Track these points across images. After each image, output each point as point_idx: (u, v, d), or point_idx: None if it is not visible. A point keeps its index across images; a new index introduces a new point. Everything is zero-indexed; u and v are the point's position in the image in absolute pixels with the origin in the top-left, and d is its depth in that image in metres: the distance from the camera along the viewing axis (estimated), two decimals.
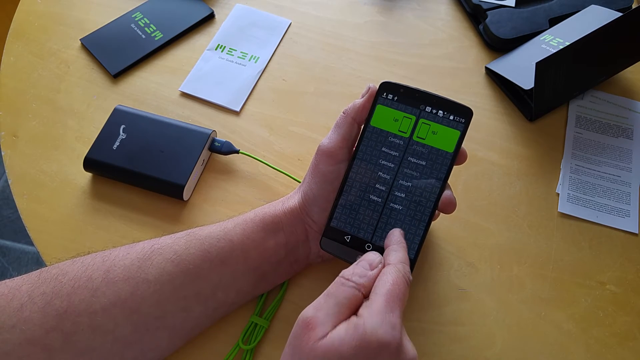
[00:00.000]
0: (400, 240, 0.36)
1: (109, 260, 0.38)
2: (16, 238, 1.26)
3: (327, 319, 0.30)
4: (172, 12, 0.62)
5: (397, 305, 0.31)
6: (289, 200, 0.42)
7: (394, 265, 0.33)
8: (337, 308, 0.31)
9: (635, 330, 0.44)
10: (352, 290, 0.31)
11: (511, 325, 0.44)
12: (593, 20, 0.55)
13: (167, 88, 0.57)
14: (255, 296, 0.43)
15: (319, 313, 0.30)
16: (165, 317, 0.37)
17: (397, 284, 0.32)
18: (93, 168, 0.50)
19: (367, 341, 0.29)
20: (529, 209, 0.50)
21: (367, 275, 0.33)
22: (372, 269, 0.33)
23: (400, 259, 0.34)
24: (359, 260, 0.34)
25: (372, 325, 0.29)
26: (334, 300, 0.31)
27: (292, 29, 0.62)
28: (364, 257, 0.35)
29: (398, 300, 0.31)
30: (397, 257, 0.34)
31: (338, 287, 0.32)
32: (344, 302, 0.31)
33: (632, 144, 0.54)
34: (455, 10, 0.64)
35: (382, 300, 0.30)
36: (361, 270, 0.33)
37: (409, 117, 0.39)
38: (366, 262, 0.34)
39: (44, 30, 0.61)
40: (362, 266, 0.34)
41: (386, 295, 0.31)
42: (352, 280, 0.32)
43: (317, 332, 0.29)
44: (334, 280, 0.33)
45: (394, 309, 0.30)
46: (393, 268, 0.33)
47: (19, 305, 0.34)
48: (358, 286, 0.32)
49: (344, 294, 0.31)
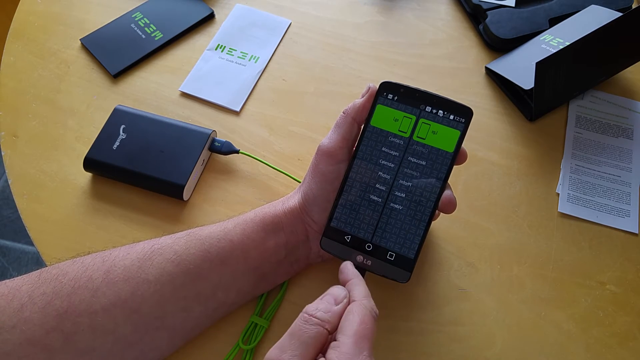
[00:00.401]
0: (356, 274, 0.35)
1: (109, 260, 0.38)
2: (16, 238, 1.26)
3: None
4: (172, 12, 0.62)
5: (366, 345, 0.30)
6: (289, 200, 0.42)
7: (359, 303, 0.32)
8: (302, 348, 0.30)
9: (635, 330, 0.44)
10: (316, 329, 0.30)
11: (511, 325, 0.44)
12: (593, 20, 0.55)
13: (167, 88, 0.57)
14: (255, 296, 0.43)
15: (284, 355, 0.29)
16: (166, 317, 0.37)
17: (364, 323, 0.31)
18: (93, 168, 0.50)
19: None
20: (529, 209, 0.50)
21: (331, 310, 0.32)
22: (337, 303, 0.32)
23: (363, 293, 0.33)
24: (324, 295, 0.33)
25: None
26: (298, 340, 0.30)
27: (292, 29, 0.62)
28: (329, 291, 0.34)
29: (366, 340, 0.30)
30: (359, 292, 0.33)
31: (302, 326, 0.31)
32: (309, 342, 0.30)
33: (632, 144, 0.54)
34: (455, 10, 0.64)
35: (351, 341, 0.29)
36: (325, 305, 0.32)
37: (409, 117, 0.39)
38: (331, 297, 0.33)
39: (44, 30, 0.61)
40: (327, 301, 0.33)
41: (354, 336, 0.30)
42: (316, 317, 0.31)
43: None
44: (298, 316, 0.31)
45: (363, 349, 0.29)
46: (359, 306, 0.32)
47: (19, 306, 0.34)
48: (322, 323, 0.31)
49: (308, 333, 0.30)
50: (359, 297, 0.33)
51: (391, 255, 0.37)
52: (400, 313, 0.44)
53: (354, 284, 0.34)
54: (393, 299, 0.44)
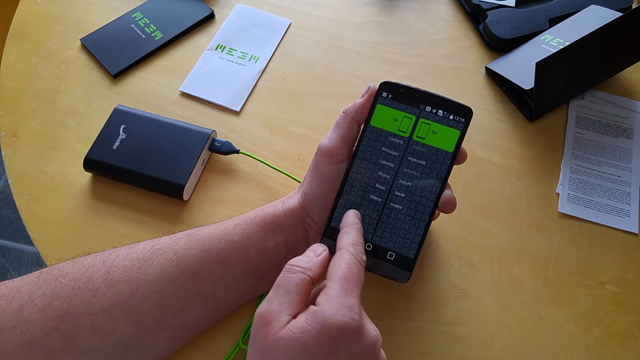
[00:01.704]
0: (353, 222, 0.36)
1: (109, 261, 0.37)
2: (16, 238, 1.26)
3: (281, 309, 0.30)
4: (172, 12, 0.62)
5: (354, 287, 0.31)
6: (289, 200, 0.42)
7: (345, 249, 0.33)
8: (288, 296, 0.31)
9: (635, 330, 0.44)
10: (298, 275, 0.31)
11: (511, 325, 0.44)
12: (593, 20, 0.55)
13: (167, 88, 0.57)
14: (255, 296, 0.43)
15: (272, 306, 0.30)
16: (166, 318, 0.37)
17: (350, 267, 0.32)
18: (93, 168, 0.50)
19: (327, 327, 0.29)
20: (529, 209, 0.50)
21: (312, 260, 0.33)
22: (317, 255, 0.34)
23: (352, 241, 0.34)
24: (306, 251, 0.35)
25: (330, 310, 0.29)
26: (283, 289, 0.31)
27: (292, 29, 0.62)
28: (310, 247, 0.35)
29: (353, 283, 0.31)
30: (348, 240, 0.34)
31: (284, 275, 0.32)
32: (293, 289, 0.31)
33: (632, 144, 0.54)
34: (455, 10, 0.64)
35: (338, 285, 0.31)
36: (304, 257, 0.33)
37: (408, 116, 0.39)
38: (311, 251, 0.34)
39: (44, 30, 0.61)
40: (307, 254, 0.34)
41: (340, 279, 0.31)
42: (298, 266, 0.32)
43: (274, 325, 0.29)
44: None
45: (350, 292, 0.30)
46: (345, 252, 0.33)
47: (19, 307, 0.34)
48: (304, 270, 0.32)
49: (292, 281, 0.31)
50: (345, 245, 0.34)
51: (391, 255, 0.37)
52: (400, 313, 0.44)
53: (344, 232, 0.35)
54: (393, 299, 0.44)
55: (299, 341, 0.28)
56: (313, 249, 0.35)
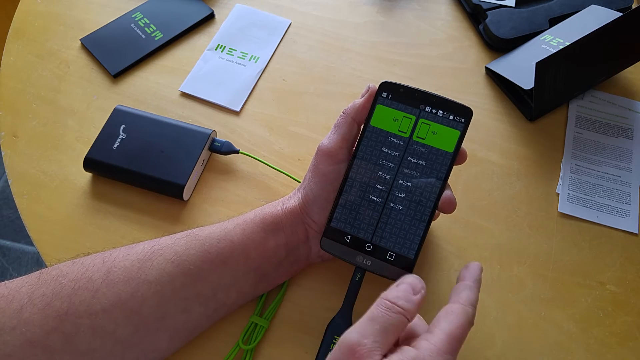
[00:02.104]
0: (478, 279, 0.34)
1: (109, 261, 0.37)
2: (16, 238, 1.26)
3: (374, 347, 0.28)
4: (172, 12, 0.62)
5: (456, 347, 0.29)
6: (289, 200, 0.42)
7: (464, 307, 0.31)
8: (384, 335, 0.29)
9: (635, 330, 0.44)
10: (398, 317, 0.30)
11: (511, 325, 0.44)
12: (593, 20, 0.55)
13: (167, 88, 0.57)
14: (255, 296, 0.43)
15: (366, 340, 0.28)
16: (166, 318, 0.37)
17: (461, 327, 0.30)
18: (93, 168, 0.50)
19: None
20: (529, 209, 0.50)
21: (411, 300, 0.31)
22: (415, 293, 0.31)
23: (472, 301, 0.32)
24: (399, 283, 0.32)
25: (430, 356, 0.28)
26: (380, 326, 0.29)
27: (292, 29, 0.62)
28: (404, 279, 0.32)
29: (457, 343, 0.29)
30: (468, 297, 0.32)
31: (384, 312, 0.30)
32: (390, 330, 0.29)
33: (632, 144, 0.54)
34: (455, 10, 0.64)
35: (445, 337, 0.29)
36: (404, 294, 0.31)
37: (408, 117, 0.39)
38: (408, 286, 0.32)
39: (44, 30, 0.61)
40: (404, 290, 0.31)
41: (450, 335, 0.29)
42: (398, 305, 0.30)
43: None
44: (375, 302, 0.31)
45: (453, 350, 0.29)
46: (462, 310, 0.31)
47: (19, 307, 0.34)
48: (404, 312, 0.30)
49: (391, 321, 0.29)
50: (465, 303, 0.32)
51: (391, 256, 0.37)
52: None
53: (467, 287, 0.33)
54: None
55: None
56: (411, 284, 0.32)
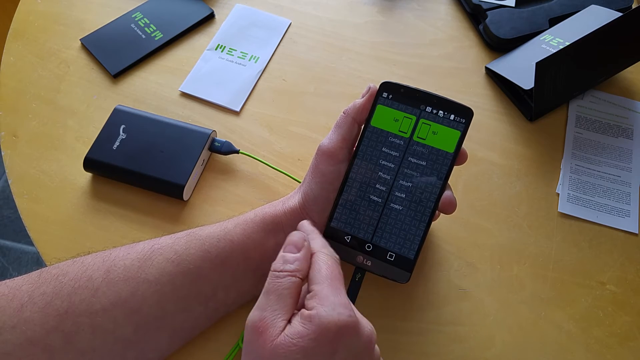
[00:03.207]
0: (312, 229, 0.36)
1: (109, 260, 0.38)
2: (16, 238, 1.26)
3: (275, 316, 0.30)
4: (172, 12, 0.62)
5: (340, 285, 0.31)
6: (289, 200, 0.42)
7: (320, 252, 0.34)
8: (281, 302, 0.31)
9: (635, 330, 0.44)
10: (289, 279, 0.31)
11: (511, 326, 0.44)
12: (593, 20, 0.55)
13: (167, 88, 0.57)
14: (255, 296, 0.42)
15: (265, 313, 0.30)
16: (166, 318, 0.37)
17: (330, 267, 0.32)
18: (93, 168, 0.50)
19: (326, 328, 0.29)
20: (529, 209, 0.50)
21: (298, 259, 0.33)
22: (298, 250, 0.34)
23: (321, 244, 0.35)
24: (284, 246, 0.34)
25: (325, 311, 0.29)
26: (274, 295, 0.31)
27: (292, 29, 0.62)
28: (287, 241, 0.34)
29: (338, 282, 0.31)
30: (317, 244, 0.35)
31: (274, 281, 0.32)
32: (285, 294, 0.31)
33: (632, 144, 0.54)
34: (455, 10, 0.64)
35: (326, 286, 0.31)
36: (289, 256, 0.33)
37: (409, 117, 0.39)
38: (291, 246, 0.34)
39: (44, 30, 0.61)
40: (289, 251, 0.34)
41: (327, 280, 0.31)
42: (285, 271, 0.32)
43: (270, 332, 0.29)
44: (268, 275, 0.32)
45: (339, 291, 0.31)
46: (320, 254, 0.33)
47: (19, 306, 0.34)
48: (293, 272, 0.32)
49: (283, 286, 0.31)
50: (318, 248, 0.34)
51: (391, 256, 0.37)
52: (400, 313, 0.44)
53: (311, 239, 0.35)
54: (393, 299, 0.44)
55: (298, 346, 0.28)
56: (293, 242, 0.34)
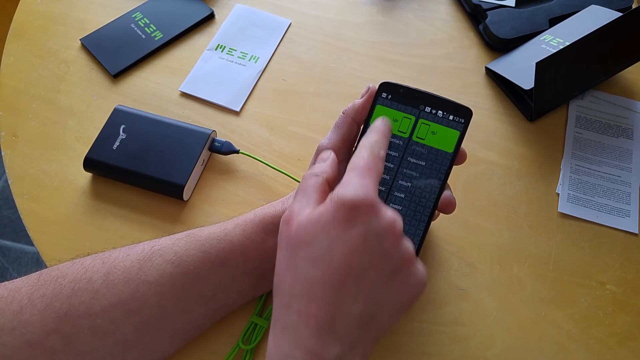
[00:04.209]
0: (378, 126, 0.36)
1: (109, 261, 0.38)
2: (16, 238, 1.26)
3: (302, 207, 0.31)
4: (172, 12, 0.62)
5: (368, 174, 0.31)
6: (289, 201, 0.42)
7: (363, 147, 0.33)
8: (307, 196, 0.32)
9: (635, 330, 0.44)
10: (314, 179, 0.33)
11: (511, 325, 0.44)
12: (593, 20, 0.55)
13: (167, 88, 0.57)
14: (255, 296, 0.43)
15: (294, 206, 0.32)
16: (166, 319, 0.37)
17: (366, 160, 0.32)
18: (93, 168, 0.50)
19: (342, 203, 0.29)
20: (529, 209, 0.50)
21: (322, 165, 0.35)
22: (325, 160, 0.35)
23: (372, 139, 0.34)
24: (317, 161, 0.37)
25: (344, 189, 0.30)
26: (302, 192, 0.33)
27: (292, 29, 0.62)
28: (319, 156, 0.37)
29: (368, 171, 0.31)
30: (368, 139, 0.34)
31: (301, 183, 0.34)
32: (310, 190, 0.32)
33: (632, 144, 0.54)
34: (455, 10, 0.64)
35: (354, 173, 0.31)
36: (317, 164, 0.35)
37: (408, 117, 0.39)
38: (320, 159, 0.36)
39: (44, 30, 0.61)
40: (318, 162, 0.36)
41: (356, 169, 0.31)
42: (311, 173, 0.34)
43: (297, 218, 0.31)
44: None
45: (364, 177, 0.31)
46: (362, 149, 0.33)
47: (18, 308, 0.34)
48: (318, 173, 0.34)
49: (309, 184, 0.33)
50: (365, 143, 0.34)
51: None
52: None
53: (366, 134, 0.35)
54: None
55: (319, 222, 0.30)
56: (321, 156, 0.36)
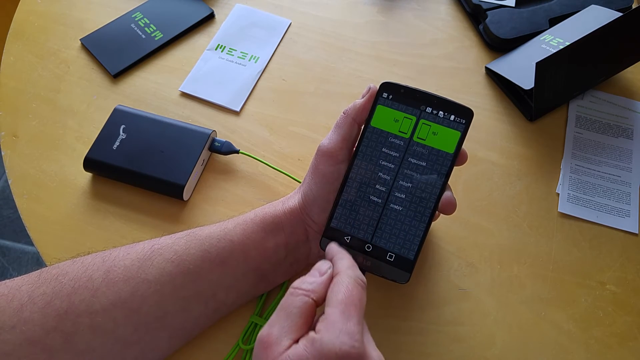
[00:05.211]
0: (339, 250, 0.35)
1: (109, 260, 0.38)
2: (16, 238, 1.26)
3: (282, 334, 0.29)
4: (172, 12, 0.62)
5: (354, 312, 0.29)
6: (289, 201, 0.42)
7: (343, 272, 0.32)
8: (289, 320, 0.30)
9: (635, 330, 0.44)
10: (301, 299, 0.31)
11: (511, 325, 0.44)
12: (593, 20, 0.55)
13: (167, 88, 0.57)
14: (255, 296, 0.43)
15: (273, 329, 0.30)
16: (166, 318, 0.37)
17: (349, 291, 0.30)
18: (93, 168, 0.50)
19: (325, 355, 0.27)
20: (529, 209, 0.50)
21: (316, 281, 0.32)
22: (321, 275, 0.33)
23: (347, 264, 0.33)
24: (311, 270, 0.34)
25: (328, 338, 0.28)
26: (285, 312, 0.30)
27: (292, 29, 0.62)
28: (314, 266, 0.34)
29: (353, 307, 0.30)
30: (343, 264, 0.33)
31: (287, 298, 0.31)
32: (295, 312, 0.30)
33: (632, 144, 0.54)
34: (455, 10, 0.64)
35: (337, 311, 0.29)
36: (310, 277, 0.32)
37: (409, 117, 0.39)
38: (315, 270, 0.33)
39: (44, 30, 0.61)
40: (311, 274, 0.33)
41: (340, 304, 0.30)
42: (300, 288, 0.31)
43: (274, 349, 0.28)
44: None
45: (350, 317, 0.29)
46: (343, 275, 0.32)
47: (19, 306, 0.34)
48: (307, 292, 0.31)
49: (294, 304, 0.30)
50: (343, 269, 0.33)
51: (391, 256, 0.37)
52: (400, 313, 0.44)
53: (337, 258, 0.34)
54: (393, 299, 0.44)
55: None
56: (318, 267, 0.34)
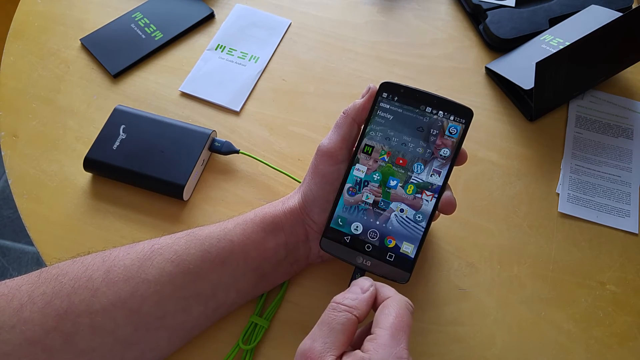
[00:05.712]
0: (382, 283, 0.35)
1: (109, 260, 0.38)
2: (16, 238, 1.26)
3: (325, 349, 0.29)
4: (172, 12, 0.62)
5: (403, 336, 0.30)
6: (289, 201, 0.42)
7: (394, 297, 0.32)
8: (332, 336, 0.30)
9: (635, 330, 0.44)
10: (344, 315, 0.31)
11: (511, 325, 0.44)
12: (593, 20, 0.55)
13: (167, 88, 0.57)
14: (255, 296, 0.43)
15: (316, 344, 0.30)
16: (166, 318, 0.37)
17: (400, 316, 0.31)
18: (93, 168, 0.50)
19: None
20: (529, 209, 0.50)
21: (358, 298, 0.32)
22: (363, 292, 0.33)
23: (394, 290, 0.33)
24: (351, 286, 0.34)
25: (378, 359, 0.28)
26: (328, 327, 0.30)
27: (292, 29, 0.62)
28: (355, 282, 0.34)
29: (402, 332, 0.30)
30: (390, 290, 0.33)
31: (330, 313, 0.31)
32: (338, 328, 0.30)
33: (632, 144, 0.54)
34: (455, 10, 0.64)
35: (388, 333, 0.30)
36: (352, 294, 0.33)
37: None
38: (357, 287, 0.33)
39: (44, 30, 0.61)
40: (353, 291, 0.33)
41: (391, 328, 0.30)
42: (343, 304, 0.31)
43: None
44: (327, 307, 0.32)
45: (400, 341, 0.30)
46: (394, 300, 0.32)
47: (19, 306, 0.34)
48: (350, 309, 0.31)
49: (337, 320, 0.31)
50: (392, 293, 0.33)
51: (391, 256, 0.37)
52: None
53: (381, 286, 0.34)
54: None
55: None
56: (359, 284, 0.34)
